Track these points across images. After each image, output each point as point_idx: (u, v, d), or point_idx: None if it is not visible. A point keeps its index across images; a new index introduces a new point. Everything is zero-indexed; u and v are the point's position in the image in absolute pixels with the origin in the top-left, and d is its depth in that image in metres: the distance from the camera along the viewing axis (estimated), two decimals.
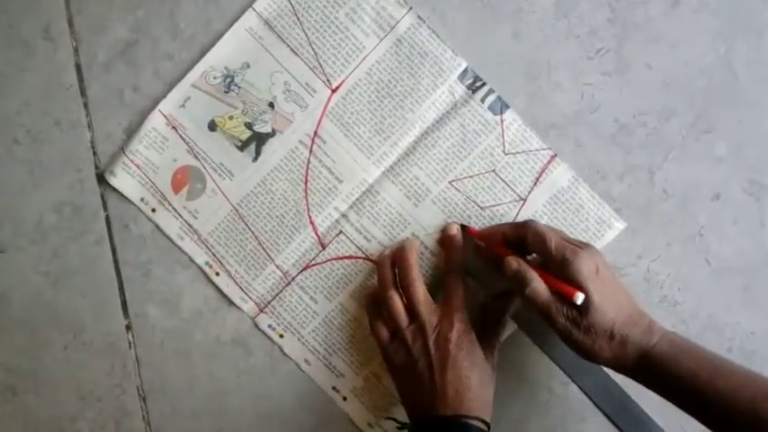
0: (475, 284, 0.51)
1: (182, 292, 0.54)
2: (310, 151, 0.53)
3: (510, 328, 0.52)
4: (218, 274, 0.54)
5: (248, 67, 0.52)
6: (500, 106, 0.51)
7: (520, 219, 0.52)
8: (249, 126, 0.53)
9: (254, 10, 0.52)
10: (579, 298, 0.42)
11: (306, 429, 0.54)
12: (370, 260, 0.53)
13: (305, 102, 0.52)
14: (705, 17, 0.50)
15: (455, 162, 0.52)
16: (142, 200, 0.53)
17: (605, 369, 0.49)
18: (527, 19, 0.51)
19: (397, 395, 0.51)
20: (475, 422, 0.45)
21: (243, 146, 0.53)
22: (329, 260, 0.53)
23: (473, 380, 0.46)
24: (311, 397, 0.54)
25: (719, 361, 0.42)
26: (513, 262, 0.45)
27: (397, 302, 0.49)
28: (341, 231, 0.53)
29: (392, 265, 0.50)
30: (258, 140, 0.53)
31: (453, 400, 0.45)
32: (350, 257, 0.53)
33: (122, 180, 0.53)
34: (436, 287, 0.51)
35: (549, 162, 0.51)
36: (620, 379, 0.44)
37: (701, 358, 0.42)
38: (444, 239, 0.52)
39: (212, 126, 0.53)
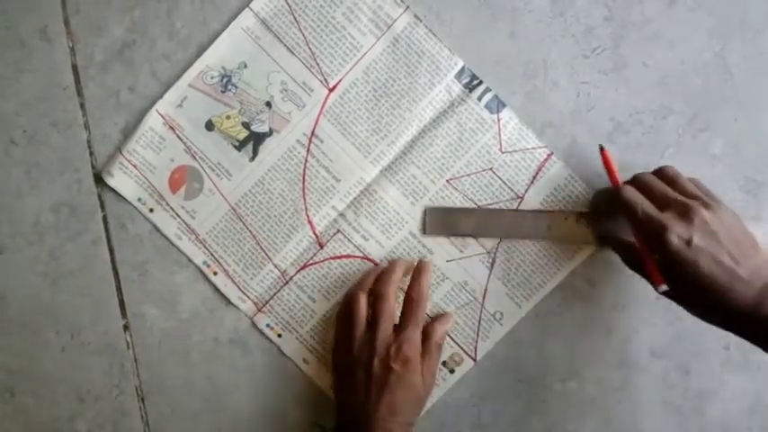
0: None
1: (179, 292, 0.54)
2: (308, 150, 0.53)
3: (500, 332, 0.52)
4: (215, 273, 0.54)
5: (245, 66, 0.52)
6: (497, 105, 0.51)
7: None
8: (246, 126, 0.53)
9: (251, 9, 0.52)
10: (661, 288, 0.43)
11: (305, 428, 0.54)
12: (368, 259, 0.53)
13: (302, 101, 0.52)
14: (701, 15, 0.51)
15: (452, 160, 0.52)
16: (139, 200, 0.53)
17: None
18: (523, 18, 0.51)
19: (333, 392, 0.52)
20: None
21: (240, 145, 0.53)
22: (327, 259, 0.53)
23: (405, 407, 0.48)
24: (310, 396, 0.54)
25: None
26: (629, 190, 0.45)
27: (362, 307, 0.50)
28: (339, 230, 0.53)
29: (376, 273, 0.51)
30: (255, 140, 0.53)
31: (382, 420, 0.47)
32: (348, 256, 0.53)
33: (119, 180, 0.53)
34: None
35: (545, 160, 0.52)
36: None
37: None
38: (419, 267, 0.51)
39: (209, 126, 0.53)
